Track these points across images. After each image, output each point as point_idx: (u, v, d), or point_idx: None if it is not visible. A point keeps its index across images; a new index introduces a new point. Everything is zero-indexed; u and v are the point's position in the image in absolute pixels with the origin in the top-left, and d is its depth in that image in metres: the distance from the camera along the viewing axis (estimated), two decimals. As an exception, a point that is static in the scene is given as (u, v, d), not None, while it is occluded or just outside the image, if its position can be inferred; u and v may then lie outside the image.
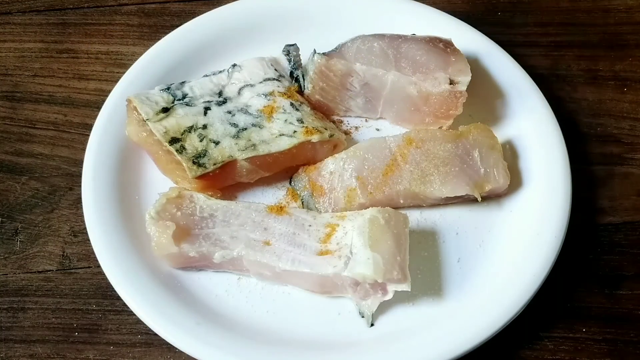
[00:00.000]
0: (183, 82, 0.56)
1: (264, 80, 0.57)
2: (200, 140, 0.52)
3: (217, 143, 0.53)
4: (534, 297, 0.50)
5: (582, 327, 0.53)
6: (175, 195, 0.51)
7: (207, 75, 0.58)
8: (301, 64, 0.59)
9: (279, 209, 0.51)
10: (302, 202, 0.54)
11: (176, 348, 0.46)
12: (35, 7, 0.68)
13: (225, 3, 0.63)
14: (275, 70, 0.58)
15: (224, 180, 0.53)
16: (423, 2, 0.63)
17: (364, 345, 0.48)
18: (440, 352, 0.47)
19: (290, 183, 0.56)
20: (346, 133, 0.59)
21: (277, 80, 0.57)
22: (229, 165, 0.52)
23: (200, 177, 0.52)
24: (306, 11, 0.63)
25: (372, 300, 0.49)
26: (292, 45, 0.59)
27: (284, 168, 0.55)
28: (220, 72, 0.58)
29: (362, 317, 0.50)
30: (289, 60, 0.59)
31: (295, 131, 0.54)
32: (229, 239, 0.50)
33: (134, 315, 0.48)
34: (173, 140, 0.52)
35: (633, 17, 0.69)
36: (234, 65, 0.58)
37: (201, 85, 0.56)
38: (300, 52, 0.59)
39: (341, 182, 0.54)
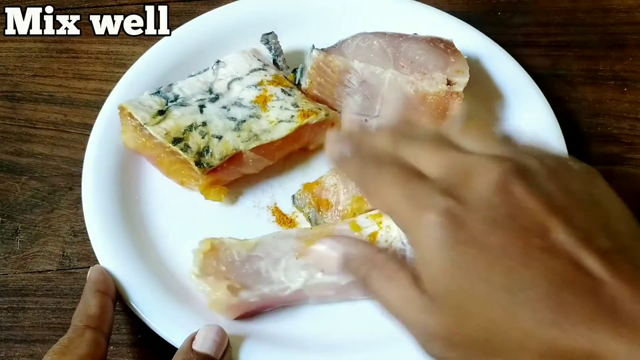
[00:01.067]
0: (171, 85, 0.56)
1: (251, 72, 0.57)
2: (203, 137, 0.53)
3: (219, 138, 0.53)
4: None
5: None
6: (209, 248, 0.49)
7: (192, 75, 0.57)
8: (282, 51, 0.59)
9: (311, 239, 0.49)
10: (310, 220, 0.54)
11: (177, 348, 0.46)
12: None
13: (225, 3, 0.64)
14: (259, 60, 0.58)
15: (230, 173, 0.54)
16: (423, 2, 0.63)
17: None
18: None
19: (293, 203, 0.55)
20: (346, 131, 0.59)
21: (262, 69, 0.57)
22: (235, 158, 0.53)
23: (208, 173, 0.52)
24: (308, 11, 0.63)
25: None
26: (270, 33, 0.59)
27: (287, 153, 0.56)
28: (205, 70, 0.58)
29: None
30: (270, 49, 0.59)
31: (292, 116, 0.54)
32: (282, 272, 0.48)
33: (134, 315, 0.48)
34: (176, 141, 0.52)
35: (633, 17, 0.69)
36: (218, 61, 0.58)
37: (189, 85, 0.56)
38: (279, 40, 0.59)
39: (346, 192, 0.53)
